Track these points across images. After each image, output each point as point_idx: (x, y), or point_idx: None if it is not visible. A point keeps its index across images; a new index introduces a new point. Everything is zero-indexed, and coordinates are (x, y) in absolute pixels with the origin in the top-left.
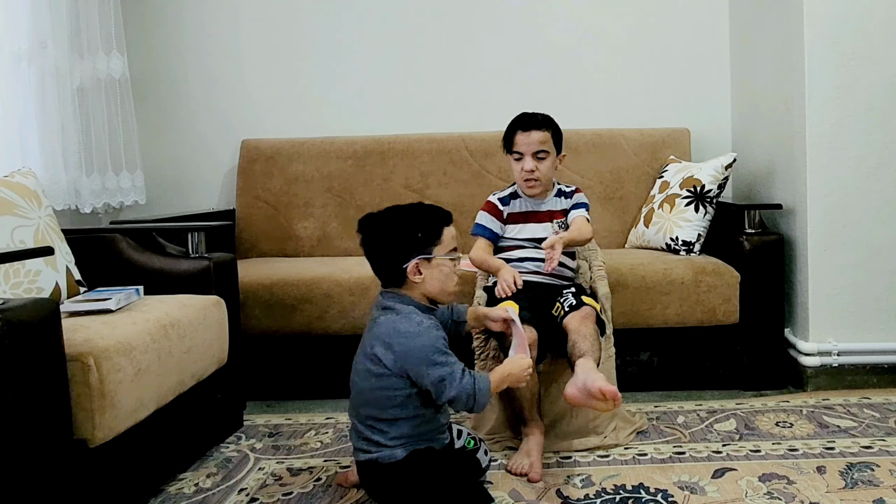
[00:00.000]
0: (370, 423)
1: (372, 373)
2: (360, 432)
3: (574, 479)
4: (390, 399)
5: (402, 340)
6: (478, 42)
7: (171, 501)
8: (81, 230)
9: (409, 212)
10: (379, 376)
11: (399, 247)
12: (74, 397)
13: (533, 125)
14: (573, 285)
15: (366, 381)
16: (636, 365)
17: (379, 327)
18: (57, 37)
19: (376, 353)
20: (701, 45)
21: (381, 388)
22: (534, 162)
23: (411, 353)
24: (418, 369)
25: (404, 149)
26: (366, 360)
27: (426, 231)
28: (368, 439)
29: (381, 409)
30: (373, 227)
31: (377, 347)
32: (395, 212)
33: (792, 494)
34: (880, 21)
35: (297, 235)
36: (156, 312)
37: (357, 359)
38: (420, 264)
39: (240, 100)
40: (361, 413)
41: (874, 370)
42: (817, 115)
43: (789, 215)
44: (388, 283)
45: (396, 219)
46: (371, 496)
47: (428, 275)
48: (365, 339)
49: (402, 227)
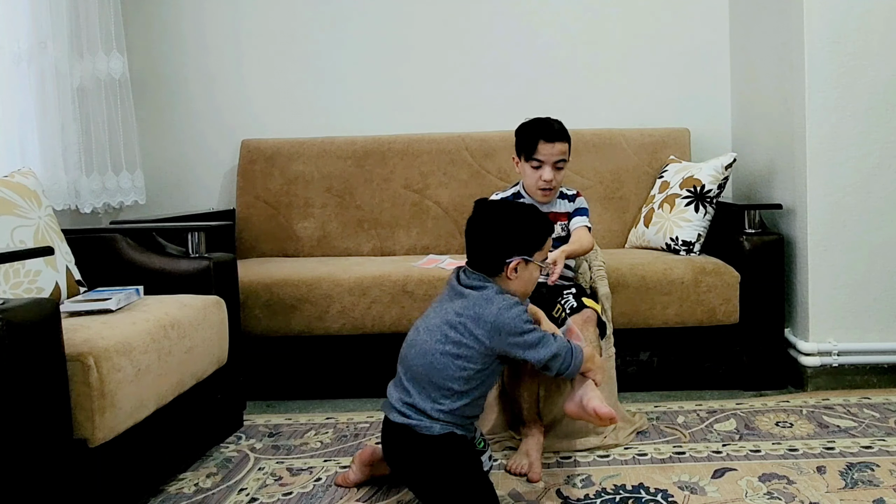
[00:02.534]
0: (427, 389)
1: (450, 339)
2: (409, 393)
3: (574, 479)
4: (461, 370)
5: (497, 317)
6: (478, 42)
7: (171, 501)
8: (81, 230)
9: (527, 212)
10: (459, 344)
11: (510, 241)
12: (74, 397)
13: (557, 136)
14: (573, 286)
15: (440, 345)
16: (636, 365)
17: (471, 309)
18: (57, 37)
19: (465, 324)
20: (701, 45)
21: (457, 356)
22: (553, 172)
23: (504, 325)
24: (512, 339)
25: (404, 149)
26: (445, 326)
27: (536, 236)
28: (414, 405)
29: (446, 379)
30: (492, 213)
31: (466, 319)
32: (516, 207)
33: (792, 494)
34: (880, 21)
35: (297, 235)
36: (156, 312)
37: (427, 322)
38: (519, 265)
39: (240, 100)
40: (419, 374)
41: (874, 370)
42: (817, 115)
43: (789, 215)
44: (481, 268)
45: (517, 214)
46: (388, 458)
47: (520, 275)
48: (445, 307)
49: (520, 223)
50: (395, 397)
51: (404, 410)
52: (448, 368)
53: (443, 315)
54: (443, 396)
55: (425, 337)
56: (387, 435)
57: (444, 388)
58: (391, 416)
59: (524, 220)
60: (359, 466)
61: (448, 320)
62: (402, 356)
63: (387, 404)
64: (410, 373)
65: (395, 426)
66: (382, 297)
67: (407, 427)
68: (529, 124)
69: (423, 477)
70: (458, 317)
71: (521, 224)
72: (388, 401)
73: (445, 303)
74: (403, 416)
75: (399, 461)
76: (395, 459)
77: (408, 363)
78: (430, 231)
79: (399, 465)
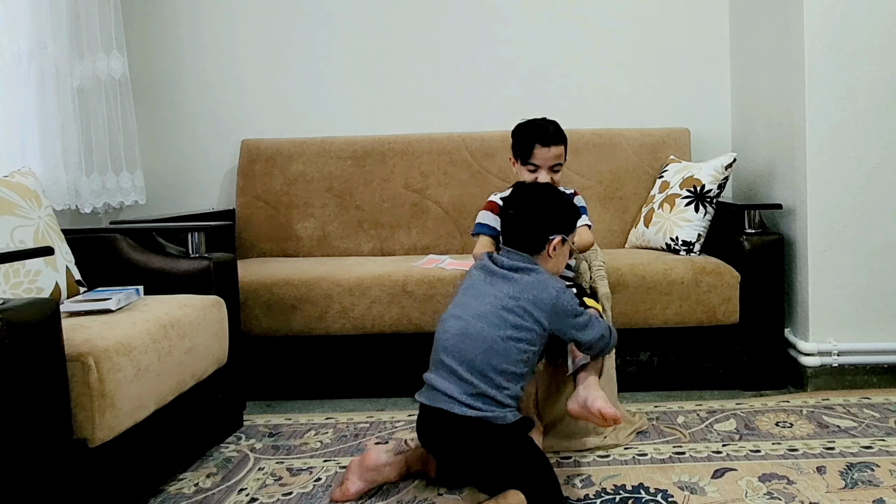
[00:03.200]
0: (491, 376)
1: (510, 323)
2: (473, 384)
3: (574, 479)
4: (522, 352)
5: (556, 299)
6: (478, 42)
7: (171, 501)
8: (81, 230)
9: (563, 195)
10: (519, 328)
11: (554, 218)
12: (74, 397)
13: (552, 140)
14: (574, 286)
15: (499, 330)
16: (636, 365)
17: (526, 292)
18: (57, 37)
19: (523, 307)
20: (701, 45)
21: (518, 339)
22: (549, 175)
23: (563, 307)
24: (567, 321)
25: (404, 149)
26: (502, 311)
27: (573, 216)
28: (484, 394)
29: (509, 363)
30: (535, 193)
31: (525, 302)
32: (554, 189)
33: (792, 494)
34: (880, 21)
35: (297, 235)
36: (156, 312)
37: (474, 310)
38: (559, 243)
39: (240, 100)
40: (480, 362)
41: (874, 370)
42: (817, 115)
43: (789, 215)
44: (523, 247)
45: (557, 194)
46: (446, 452)
47: (558, 254)
48: (494, 292)
49: (561, 202)
50: (456, 391)
51: (472, 402)
52: (511, 352)
53: (495, 301)
54: (506, 381)
55: (481, 324)
56: (447, 430)
57: (508, 373)
58: (456, 409)
59: (564, 200)
60: (360, 475)
61: (504, 305)
62: (452, 348)
63: (443, 398)
64: (468, 363)
65: (463, 420)
66: (382, 297)
67: (479, 420)
68: (525, 127)
69: (499, 465)
70: (515, 301)
71: (562, 203)
72: (442, 395)
73: (486, 287)
74: (473, 409)
75: (468, 454)
76: (461, 453)
77: (463, 353)
78: (430, 231)
79: (467, 457)
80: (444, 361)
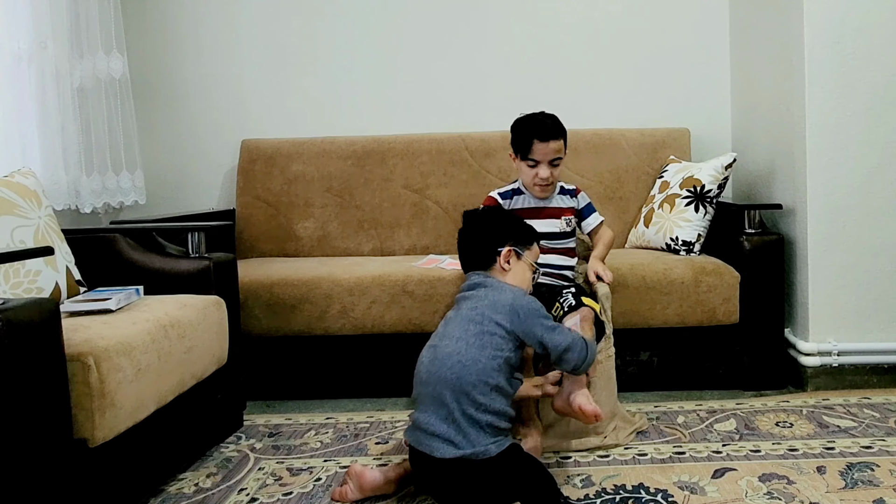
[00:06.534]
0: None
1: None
2: (449, 408)
3: (574, 479)
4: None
5: (513, 300)
6: (478, 42)
7: (171, 501)
8: (81, 230)
9: (511, 213)
10: (482, 334)
11: (499, 230)
12: (74, 397)
13: (551, 134)
14: (573, 285)
15: (463, 341)
16: (636, 365)
17: (483, 300)
18: (57, 37)
19: (483, 313)
20: (701, 46)
21: (483, 346)
22: (549, 169)
23: (521, 307)
24: (529, 322)
25: (404, 149)
26: (465, 323)
27: (521, 232)
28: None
29: (481, 373)
30: (479, 213)
31: (484, 308)
32: (502, 210)
33: (792, 494)
34: (880, 21)
35: (297, 235)
36: (156, 312)
37: (443, 340)
38: (511, 254)
39: (240, 100)
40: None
41: (874, 370)
42: (817, 115)
43: (789, 215)
44: (478, 265)
45: (502, 212)
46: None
47: (514, 269)
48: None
49: (504, 217)
50: (434, 421)
51: (453, 435)
52: (479, 362)
53: (458, 320)
54: (483, 395)
55: (448, 342)
56: (432, 474)
57: (482, 384)
58: (437, 452)
59: (509, 215)
60: (358, 489)
61: (466, 317)
62: (427, 375)
63: (425, 437)
64: (442, 383)
65: (445, 463)
66: (382, 297)
67: (461, 460)
68: (523, 122)
69: (491, 498)
70: (475, 310)
71: (507, 217)
72: (423, 433)
73: (454, 314)
74: (453, 446)
75: (458, 496)
76: (451, 495)
77: (437, 376)
78: (430, 231)
79: (458, 498)
80: (422, 393)
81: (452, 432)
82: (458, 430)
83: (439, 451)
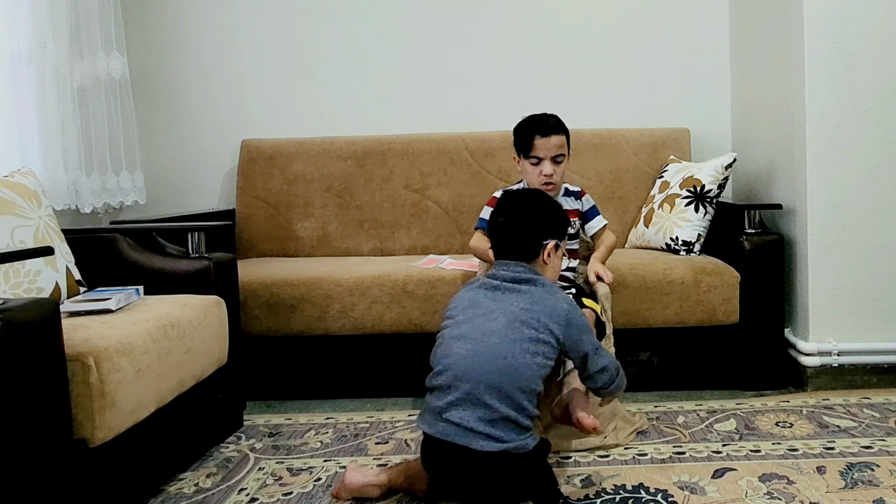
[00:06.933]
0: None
1: (526, 336)
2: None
3: (574, 479)
4: (540, 367)
5: (569, 310)
6: (478, 42)
7: (171, 501)
8: (81, 230)
9: (551, 198)
10: (536, 340)
11: (546, 222)
12: (74, 397)
13: (552, 130)
14: (573, 286)
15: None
16: (636, 365)
17: (539, 303)
18: (57, 37)
19: (538, 318)
20: (701, 46)
21: (536, 353)
22: (553, 166)
23: (573, 322)
24: (579, 337)
25: (404, 149)
26: (517, 324)
27: (564, 220)
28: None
29: (529, 379)
30: (524, 199)
31: (539, 313)
32: (540, 193)
33: (792, 494)
34: (880, 21)
35: (297, 235)
36: (156, 312)
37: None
38: (552, 248)
39: (240, 100)
40: (498, 381)
41: (874, 370)
42: (817, 115)
43: (789, 215)
44: (518, 255)
45: (546, 198)
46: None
47: (552, 261)
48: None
49: (551, 206)
50: (471, 419)
51: (492, 432)
52: (530, 368)
53: (507, 315)
54: (527, 400)
55: (495, 341)
56: (465, 467)
57: (528, 391)
58: (475, 444)
59: (554, 204)
60: (343, 487)
61: (518, 318)
62: (465, 370)
63: (456, 431)
64: (486, 384)
65: (483, 456)
66: (382, 297)
67: (502, 454)
68: (525, 121)
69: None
70: (529, 312)
71: (553, 207)
72: (455, 426)
73: (491, 303)
74: (493, 440)
75: (488, 489)
76: (480, 488)
77: (478, 375)
78: (430, 231)
79: (488, 492)
80: (455, 386)
81: (491, 429)
82: (497, 428)
83: (480, 444)
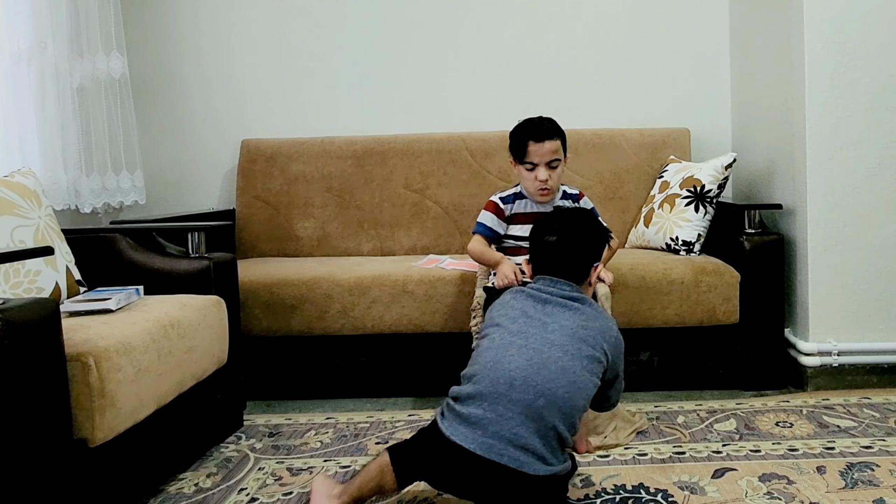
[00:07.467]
0: (571, 414)
1: (584, 353)
2: (555, 427)
3: (574, 479)
4: (594, 387)
5: (618, 333)
6: (478, 42)
7: (171, 501)
8: (81, 230)
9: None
10: (593, 359)
11: (598, 245)
12: (74, 397)
13: (545, 135)
14: None
15: (577, 360)
16: (636, 365)
17: (593, 321)
18: (57, 37)
19: (595, 337)
20: (701, 46)
21: (592, 372)
22: (547, 171)
23: (620, 345)
24: (620, 360)
25: (404, 149)
26: (576, 340)
27: (604, 247)
28: (559, 437)
29: (585, 399)
30: (580, 220)
31: (595, 332)
32: (588, 213)
33: (792, 494)
34: (880, 21)
35: (297, 235)
36: (156, 312)
37: (542, 335)
38: (597, 270)
39: (240, 100)
40: (565, 398)
41: (874, 370)
42: (817, 115)
43: (789, 215)
44: (569, 276)
45: (596, 221)
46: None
47: (594, 283)
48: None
49: (601, 229)
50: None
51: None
52: (588, 388)
53: (564, 328)
54: (578, 419)
55: (558, 354)
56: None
57: (582, 410)
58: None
59: (600, 225)
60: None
61: (576, 333)
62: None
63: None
64: (546, 401)
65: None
66: (382, 297)
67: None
68: (519, 127)
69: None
70: (585, 330)
71: (603, 231)
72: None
73: (543, 316)
74: (546, 464)
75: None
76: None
77: (542, 387)
78: (430, 231)
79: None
80: (510, 398)
81: (542, 447)
82: (546, 445)
83: (530, 467)
